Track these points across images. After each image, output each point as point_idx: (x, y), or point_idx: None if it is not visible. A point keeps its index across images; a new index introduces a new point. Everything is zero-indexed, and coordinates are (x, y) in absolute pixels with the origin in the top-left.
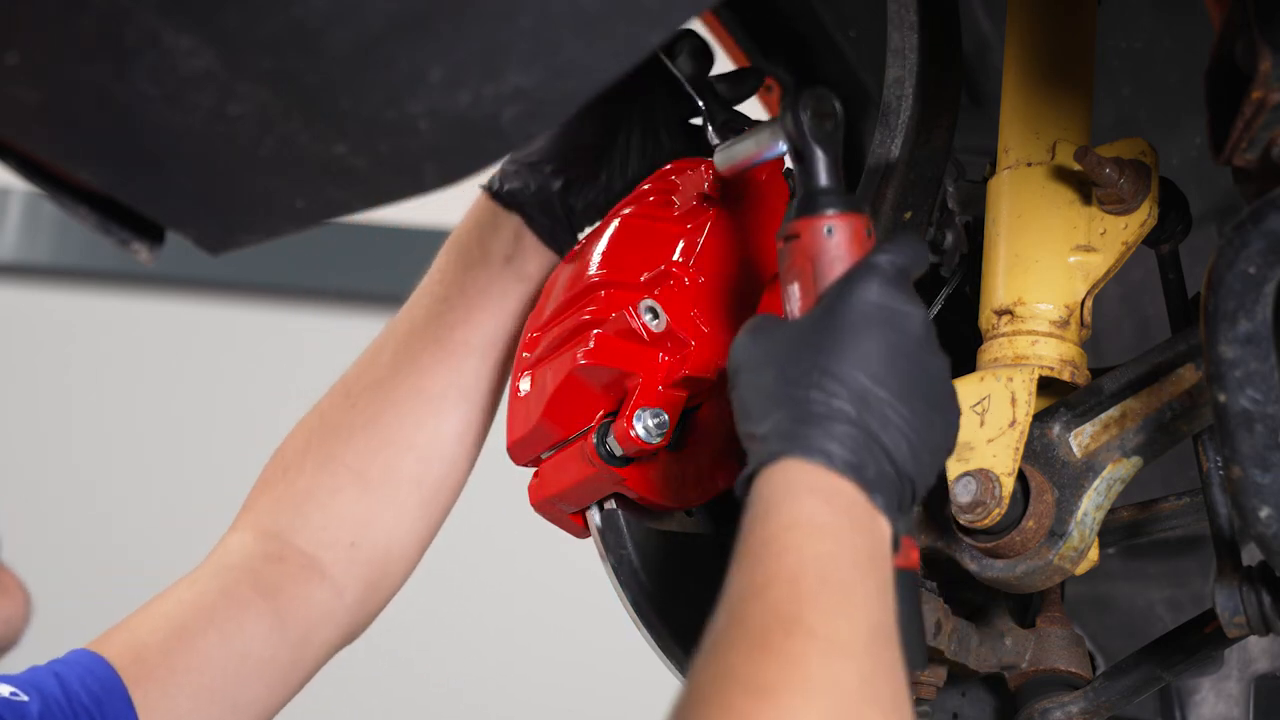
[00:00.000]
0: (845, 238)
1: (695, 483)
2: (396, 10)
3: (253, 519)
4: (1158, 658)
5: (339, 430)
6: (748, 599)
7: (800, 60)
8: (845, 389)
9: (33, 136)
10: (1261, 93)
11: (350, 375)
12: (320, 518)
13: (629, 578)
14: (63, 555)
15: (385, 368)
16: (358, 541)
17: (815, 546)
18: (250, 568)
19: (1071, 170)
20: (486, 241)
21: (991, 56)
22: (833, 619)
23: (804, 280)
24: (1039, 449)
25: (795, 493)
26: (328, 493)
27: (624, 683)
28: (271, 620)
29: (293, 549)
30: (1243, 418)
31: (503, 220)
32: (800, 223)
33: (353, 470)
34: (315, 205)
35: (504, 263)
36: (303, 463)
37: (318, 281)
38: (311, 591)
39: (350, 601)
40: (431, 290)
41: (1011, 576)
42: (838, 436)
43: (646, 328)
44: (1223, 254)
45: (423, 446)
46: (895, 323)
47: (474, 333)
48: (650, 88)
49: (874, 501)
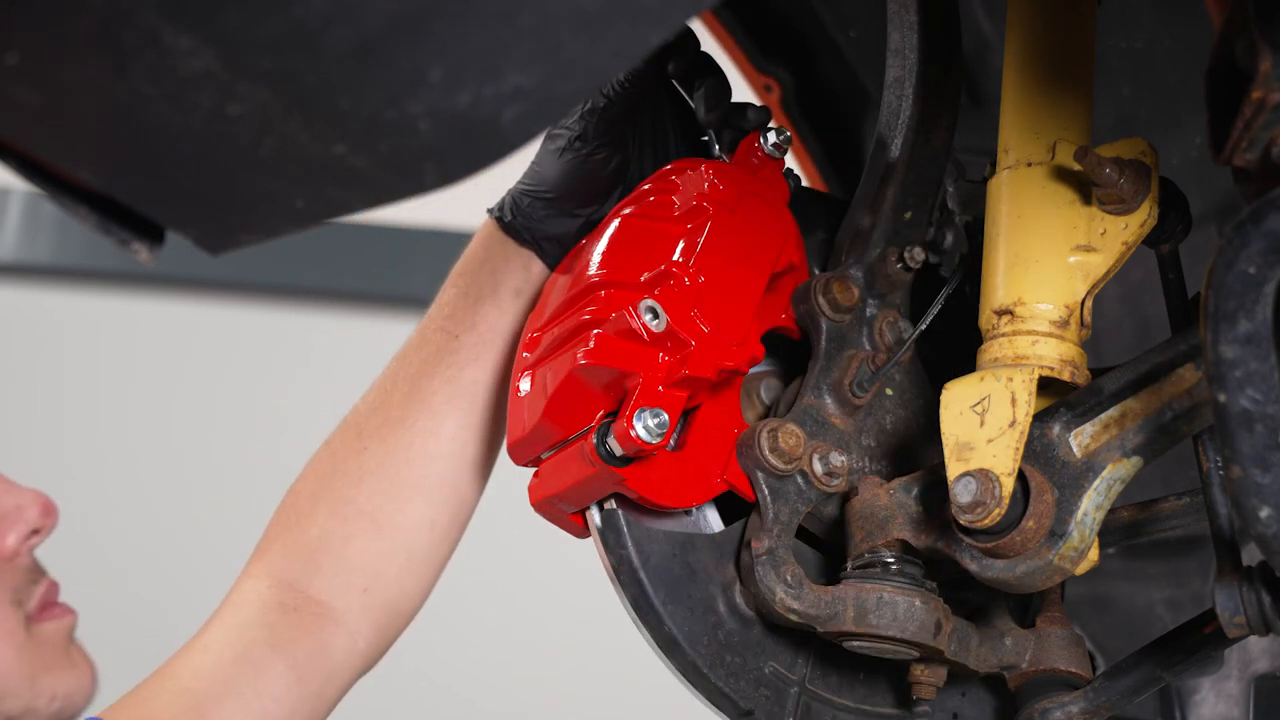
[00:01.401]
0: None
1: (695, 483)
2: (396, 10)
3: (266, 566)
4: (1158, 658)
5: (350, 473)
6: None
7: (800, 60)
8: None
9: (33, 136)
10: (1261, 93)
11: (361, 412)
12: (334, 565)
13: (629, 578)
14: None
15: (397, 408)
16: (370, 587)
17: None
18: (266, 623)
19: (1071, 170)
20: (497, 275)
21: (991, 56)
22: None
23: None
24: (1039, 449)
25: None
26: (340, 540)
27: (624, 682)
28: (290, 678)
29: (307, 598)
30: (1243, 418)
31: (513, 253)
32: None
33: (365, 514)
34: (315, 205)
35: (513, 296)
36: (314, 508)
37: (318, 281)
38: (328, 640)
39: (364, 646)
40: (442, 326)
41: (1011, 576)
42: None
43: (646, 327)
44: (1223, 254)
45: (435, 489)
46: None
47: (485, 372)
48: (661, 109)
49: None
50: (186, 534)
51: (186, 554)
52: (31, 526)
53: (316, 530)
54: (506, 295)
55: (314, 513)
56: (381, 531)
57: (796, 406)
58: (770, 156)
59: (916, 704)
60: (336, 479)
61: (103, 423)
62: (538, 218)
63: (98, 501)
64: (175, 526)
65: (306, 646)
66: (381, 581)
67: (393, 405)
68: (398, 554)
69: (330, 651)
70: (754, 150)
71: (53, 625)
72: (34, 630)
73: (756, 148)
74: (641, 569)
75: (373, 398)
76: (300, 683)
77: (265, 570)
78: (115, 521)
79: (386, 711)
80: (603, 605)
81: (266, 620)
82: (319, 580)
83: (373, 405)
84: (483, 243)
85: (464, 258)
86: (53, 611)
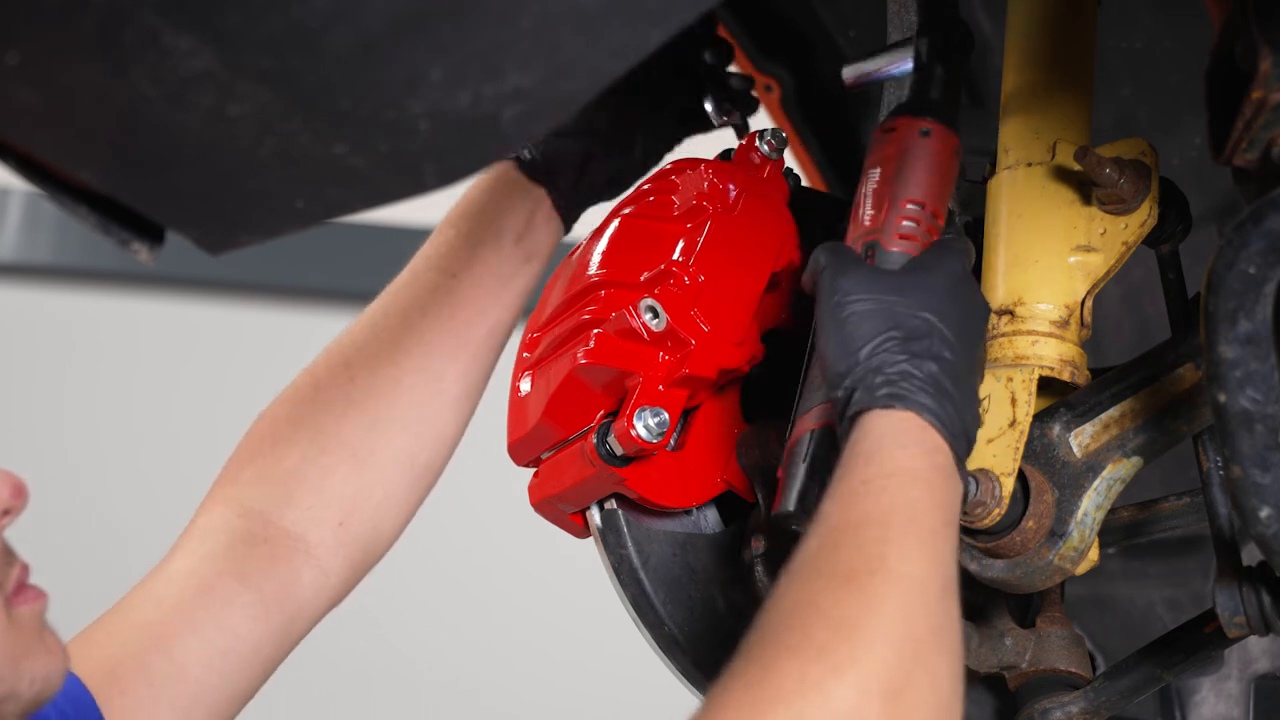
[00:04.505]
0: (936, 147)
1: (695, 483)
2: (396, 10)
3: (235, 493)
4: (1158, 658)
5: (334, 404)
6: (841, 532)
7: (800, 60)
8: (953, 354)
9: (33, 136)
10: (1261, 93)
11: (347, 345)
12: (309, 497)
13: (629, 578)
14: (62, 555)
15: (388, 343)
16: (346, 521)
17: (910, 492)
18: (233, 555)
19: (1071, 170)
20: (500, 218)
21: (991, 56)
22: (915, 565)
23: (885, 168)
24: (1039, 449)
25: (902, 442)
26: (319, 470)
27: (624, 682)
28: (257, 610)
29: (278, 529)
30: (1243, 418)
31: (520, 194)
32: (902, 119)
33: (346, 446)
34: (315, 205)
35: (515, 241)
36: (294, 436)
37: (318, 281)
38: (297, 573)
39: (335, 582)
40: (440, 265)
41: (1011, 576)
42: (941, 399)
43: (647, 327)
44: (1223, 254)
45: (419, 425)
46: (975, 305)
47: (478, 314)
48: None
49: (959, 464)
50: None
51: None
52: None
53: (293, 461)
54: (508, 239)
55: (292, 441)
56: (362, 465)
57: (797, 406)
58: (769, 156)
59: None
60: (319, 409)
61: (103, 423)
62: (555, 150)
63: (98, 501)
64: (176, 526)
65: (276, 580)
66: (357, 517)
67: (383, 340)
68: (375, 489)
69: (300, 586)
70: (753, 150)
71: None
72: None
73: (755, 148)
74: (641, 569)
75: (361, 331)
76: (267, 617)
77: (235, 497)
78: (116, 521)
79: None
80: (603, 605)
81: (235, 552)
82: (293, 512)
83: (362, 338)
84: (487, 185)
85: (463, 202)
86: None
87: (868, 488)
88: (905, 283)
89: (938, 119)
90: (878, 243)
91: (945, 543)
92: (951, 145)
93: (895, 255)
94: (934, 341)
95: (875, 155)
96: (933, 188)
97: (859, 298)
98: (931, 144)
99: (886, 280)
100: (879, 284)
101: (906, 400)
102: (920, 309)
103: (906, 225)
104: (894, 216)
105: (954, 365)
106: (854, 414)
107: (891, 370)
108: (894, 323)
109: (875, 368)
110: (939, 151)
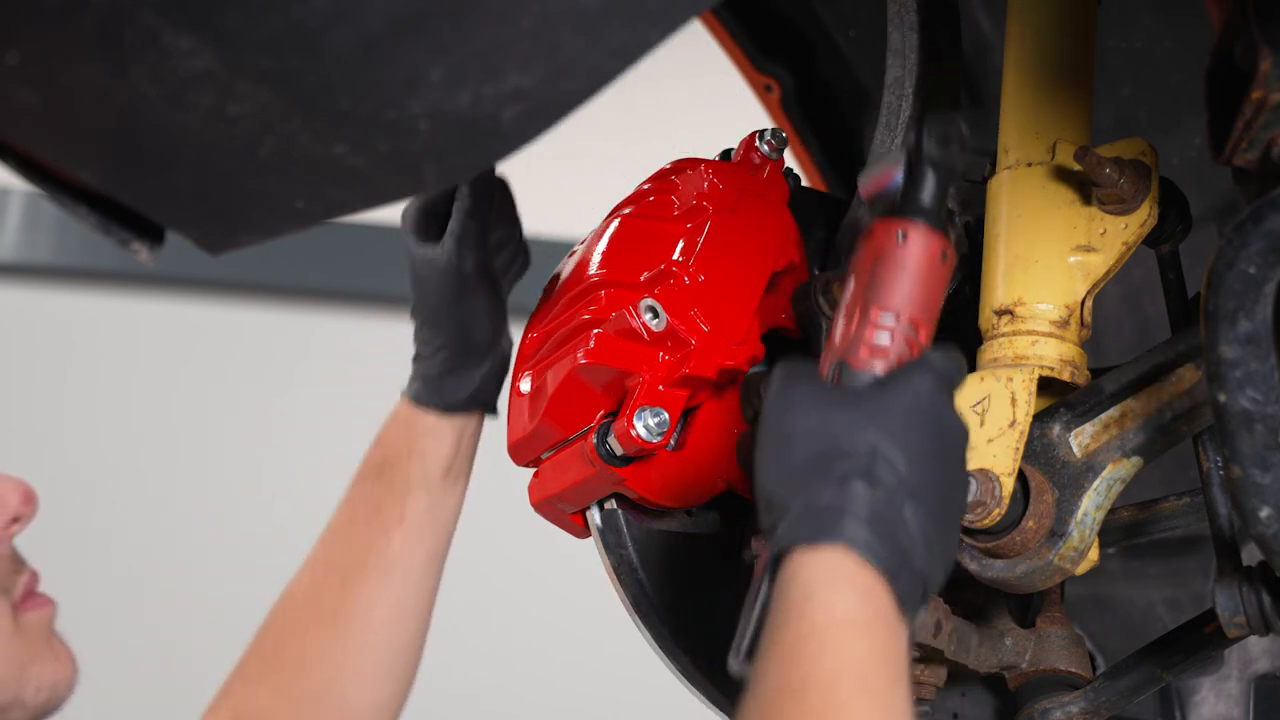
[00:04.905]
0: (915, 251)
1: (695, 483)
2: (396, 10)
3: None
4: (1158, 658)
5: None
6: (783, 697)
7: (800, 60)
8: (895, 482)
9: (33, 136)
10: (1261, 93)
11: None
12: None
13: (629, 578)
14: (62, 555)
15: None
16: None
17: (853, 648)
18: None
19: (1071, 170)
20: (425, 461)
21: (991, 56)
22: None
23: (860, 275)
24: (1039, 449)
25: (835, 586)
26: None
27: (624, 682)
28: None
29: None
30: (1243, 418)
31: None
32: (878, 222)
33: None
34: (315, 205)
35: (442, 476)
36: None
37: (318, 281)
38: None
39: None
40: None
41: (1011, 576)
42: (880, 532)
43: (647, 327)
44: (1223, 254)
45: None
46: (944, 427)
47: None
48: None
49: (901, 604)
50: (188, 533)
51: (188, 553)
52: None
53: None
54: (435, 477)
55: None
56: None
57: None
58: (769, 156)
59: (917, 704)
60: (281, 665)
61: (103, 423)
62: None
63: (98, 502)
64: (176, 526)
65: None
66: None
67: (325, 599)
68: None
69: None
70: (753, 150)
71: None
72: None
73: (755, 148)
74: (641, 569)
75: (305, 586)
76: None
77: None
78: (116, 521)
79: None
80: (603, 605)
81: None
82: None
83: (307, 594)
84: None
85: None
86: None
87: (805, 645)
88: (856, 400)
89: (919, 219)
90: (845, 360)
91: (898, 698)
92: (935, 248)
93: (862, 374)
94: (876, 464)
95: (852, 263)
96: (910, 296)
97: (797, 415)
98: (909, 248)
99: (833, 397)
100: (823, 401)
101: (834, 534)
102: (865, 429)
103: (877, 338)
104: (863, 329)
105: (901, 491)
106: (779, 552)
107: (820, 500)
108: (829, 444)
109: (803, 497)
110: (918, 256)
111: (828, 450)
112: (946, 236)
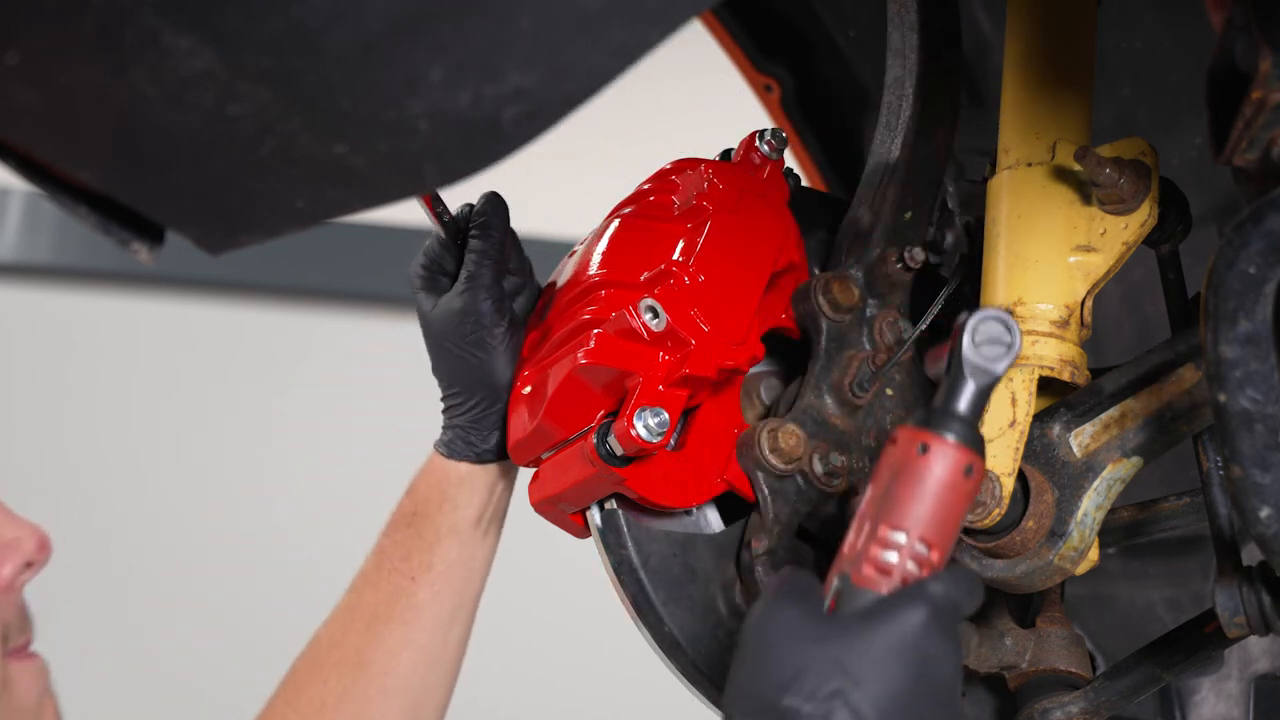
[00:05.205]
0: (935, 466)
1: (695, 483)
2: (396, 10)
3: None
4: (1158, 658)
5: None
6: None
7: (800, 60)
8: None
9: (33, 136)
10: (1261, 93)
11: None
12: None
13: (629, 578)
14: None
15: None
16: None
17: None
18: None
19: (1071, 170)
20: (457, 511)
21: (991, 56)
22: None
23: (876, 485)
24: (1039, 449)
25: None
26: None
27: (624, 682)
28: None
29: None
30: (1243, 418)
31: (479, 479)
32: (901, 430)
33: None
34: (315, 205)
35: (473, 525)
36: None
37: (318, 281)
38: None
39: None
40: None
41: (1011, 576)
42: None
43: (647, 327)
44: (1223, 254)
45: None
46: (928, 666)
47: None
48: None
49: None
50: (188, 533)
51: (188, 553)
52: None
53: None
54: (466, 526)
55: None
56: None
57: (796, 406)
58: (769, 156)
59: None
60: (302, 708)
61: (103, 423)
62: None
63: (98, 502)
64: (176, 526)
65: None
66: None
67: (349, 644)
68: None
69: None
70: (753, 150)
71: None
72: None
73: (755, 148)
74: (641, 569)
75: (332, 631)
76: None
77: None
78: (116, 521)
79: None
80: (603, 605)
81: None
82: None
83: (332, 639)
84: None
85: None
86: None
87: None
88: (836, 633)
89: (941, 432)
90: (848, 575)
91: None
92: (959, 464)
93: (863, 591)
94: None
95: (875, 470)
96: (925, 515)
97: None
98: (930, 462)
99: (813, 625)
100: (804, 626)
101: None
102: (833, 672)
103: (883, 556)
104: (869, 545)
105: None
106: None
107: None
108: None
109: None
110: (938, 473)
111: (791, 684)
112: (976, 451)
